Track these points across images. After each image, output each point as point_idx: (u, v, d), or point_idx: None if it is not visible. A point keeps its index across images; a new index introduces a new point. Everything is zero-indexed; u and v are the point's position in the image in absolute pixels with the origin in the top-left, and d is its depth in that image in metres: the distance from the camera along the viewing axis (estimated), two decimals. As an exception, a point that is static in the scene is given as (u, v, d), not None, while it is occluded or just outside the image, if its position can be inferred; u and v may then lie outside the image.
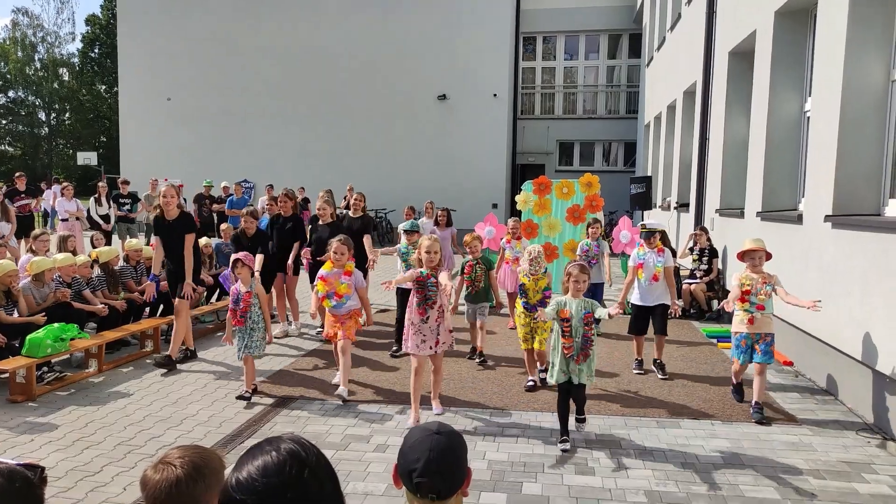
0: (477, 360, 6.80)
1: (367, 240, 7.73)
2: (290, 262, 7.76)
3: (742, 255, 5.48)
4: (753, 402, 5.26)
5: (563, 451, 4.56)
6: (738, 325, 5.42)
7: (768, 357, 5.30)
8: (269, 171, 20.86)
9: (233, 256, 5.87)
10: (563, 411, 4.71)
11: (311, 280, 7.38)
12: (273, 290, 7.98)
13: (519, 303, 5.98)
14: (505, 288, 8.30)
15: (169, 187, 6.62)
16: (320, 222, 7.75)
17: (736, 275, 5.54)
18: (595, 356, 4.77)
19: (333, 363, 6.74)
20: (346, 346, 5.64)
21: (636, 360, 6.62)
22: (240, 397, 5.60)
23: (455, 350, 6.23)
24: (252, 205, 8.04)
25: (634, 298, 6.55)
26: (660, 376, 6.32)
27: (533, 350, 5.89)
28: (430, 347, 5.07)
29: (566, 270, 4.83)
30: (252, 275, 5.78)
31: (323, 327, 7.68)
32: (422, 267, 5.06)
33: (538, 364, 6.06)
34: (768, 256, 5.48)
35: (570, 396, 4.73)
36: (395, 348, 7.13)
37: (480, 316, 6.83)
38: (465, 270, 6.90)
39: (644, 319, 6.51)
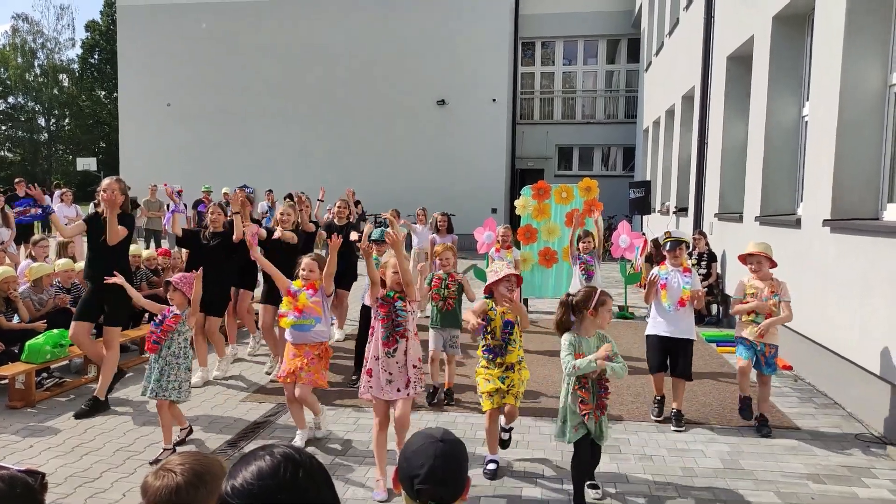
0: (445, 401, 5.64)
1: (353, 235, 7.22)
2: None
3: (744, 259, 5.26)
4: (759, 415, 5.12)
5: None
6: (745, 332, 5.18)
7: (773, 368, 5.15)
8: (269, 172, 20.90)
9: (166, 278, 4.93)
10: (580, 473, 3.85)
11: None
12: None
13: (480, 351, 4.34)
14: None
15: (111, 181, 5.45)
16: (276, 228, 6.71)
17: (741, 280, 5.32)
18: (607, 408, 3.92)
19: (333, 368, 6.63)
20: (306, 392, 4.59)
21: (656, 398, 5.41)
22: (155, 461, 4.34)
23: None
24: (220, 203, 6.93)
25: (653, 328, 5.34)
26: (673, 428, 5.12)
27: (499, 410, 4.24)
28: (399, 389, 4.03)
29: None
30: (188, 303, 4.63)
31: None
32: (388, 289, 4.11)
33: (505, 420, 4.38)
34: (772, 264, 5.15)
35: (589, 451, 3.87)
36: (353, 377, 6.16)
37: (451, 348, 5.71)
38: (433, 284, 5.71)
39: (665, 353, 5.30)
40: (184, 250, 7.82)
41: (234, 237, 6.25)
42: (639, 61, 21.04)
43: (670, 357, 5.29)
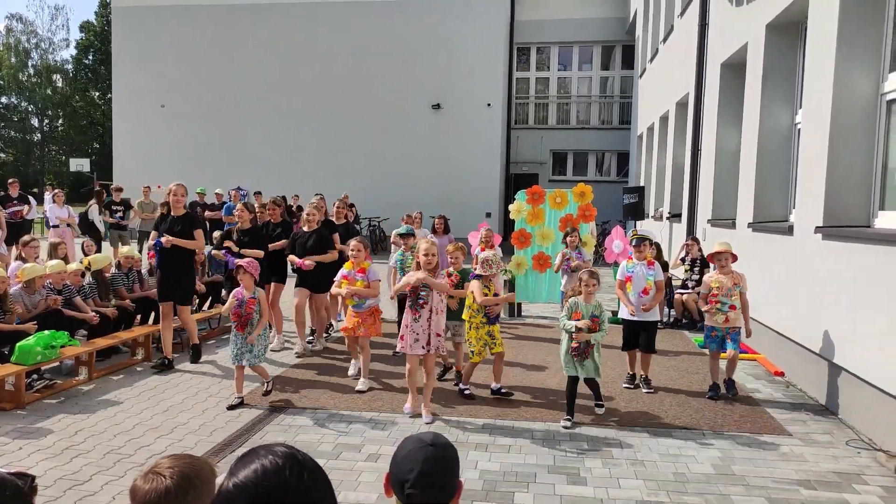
0: (454, 381, 6.34)
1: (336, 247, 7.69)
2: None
3: (711, 258, 6.22)
4: (726, 378, 6.10)
5: (565, 427, 5.22)
6: (712, 321, 6.11)
7: (736, 344, 6.07)
8: (262, 173, 20.85)
9: (236, 262, 5.87)
10: (570, 394, 5.39)
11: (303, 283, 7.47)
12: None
13: (479, 315, 5.80)
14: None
15: (179, 185, 6.72)
16: (306, 228, 7.54)
17: (706, 277, 6.26)
18: (598, 355, 5.39)
19: (327, 371, 6.75)
20: (365, 342, 6.13)
21: (628, 374, 6.48)
22: (266, 393, 5.78)
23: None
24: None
25: (625, 313, 6.38)
26: (645, 390, 6.25)
27: (478, 363, 5.92)
28: (423, 347, 5.32)
29: (578, 276, 5.60)
30: (256, 282, 5.74)
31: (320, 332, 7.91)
32: (419, 269, 5.34)
33: (494, 379, 6.00)
34: (734, 258, 6.15)
35: (576, 385, 5.43)
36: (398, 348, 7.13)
37: (456, 336, 6.43)
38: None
39: (635, 334, 6.36)
40: None
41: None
42: (633, 67, 21.13)
43: (639, 335, 6.30)
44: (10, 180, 13.13)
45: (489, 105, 20.67)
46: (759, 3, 8.08)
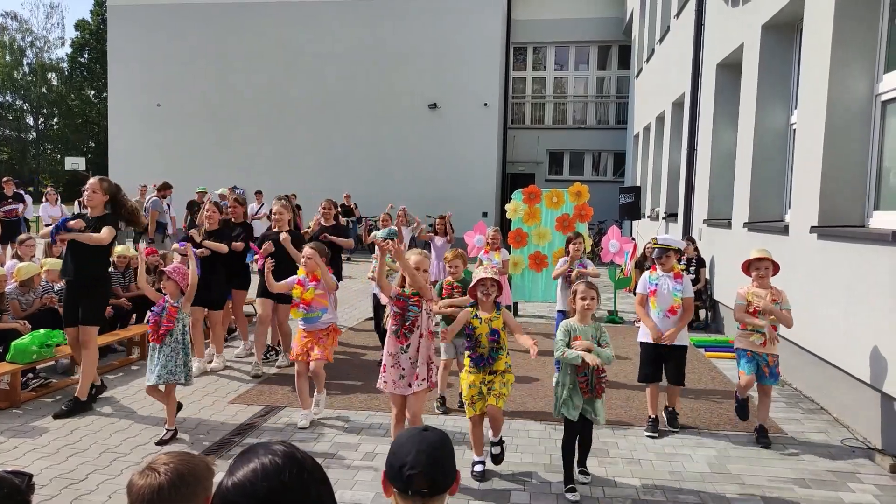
0: (459, 404, 5.35)
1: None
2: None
3: (747, 266, 5.03)
4: (759, 425, 4.99)
5: (573, 501, 3.95)
6: (747, 343, 4.98)
7: (776, 378, 4.98)
8: (258, 173, 20.84)
9: (166, 268, 5.10)
10: (570, 453, 4.11)
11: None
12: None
13: (467, 359, 4.30)
14: None
15: (93, 180, 5.45)
16: (275, 229, 6.91)
17: (740, 289, 5.12)
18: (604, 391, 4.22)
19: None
20: (319, 367, 5.12)
21: (649, 417, 5.16)
22: (161, 442, 4.74)
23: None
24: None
25: (645, 335, 5.18)
26: (668, 428, 5.20)
27: (482, 416, 4.25)
28: (409, 385, 4.11)
29: (572, 288, 4.30)
30: (182, 293, 4.92)
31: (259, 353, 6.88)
32: (404, 285, 4.14)
33: (492, 432, 4.34)
34: (776, 269, 5.00)
35: (577, 434, 4.13)
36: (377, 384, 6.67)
37: (461, 354, 4.98)
38: (444, 292, 5.36)
39: (657, 362, 5.17)
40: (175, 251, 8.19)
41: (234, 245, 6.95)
42: (629, 67, 21.17)
43: (664, 365, 5.15)
44: (4, 179, 13.09)
45: (486, 105, 20.69)
46: (754, 3, 8.10)
